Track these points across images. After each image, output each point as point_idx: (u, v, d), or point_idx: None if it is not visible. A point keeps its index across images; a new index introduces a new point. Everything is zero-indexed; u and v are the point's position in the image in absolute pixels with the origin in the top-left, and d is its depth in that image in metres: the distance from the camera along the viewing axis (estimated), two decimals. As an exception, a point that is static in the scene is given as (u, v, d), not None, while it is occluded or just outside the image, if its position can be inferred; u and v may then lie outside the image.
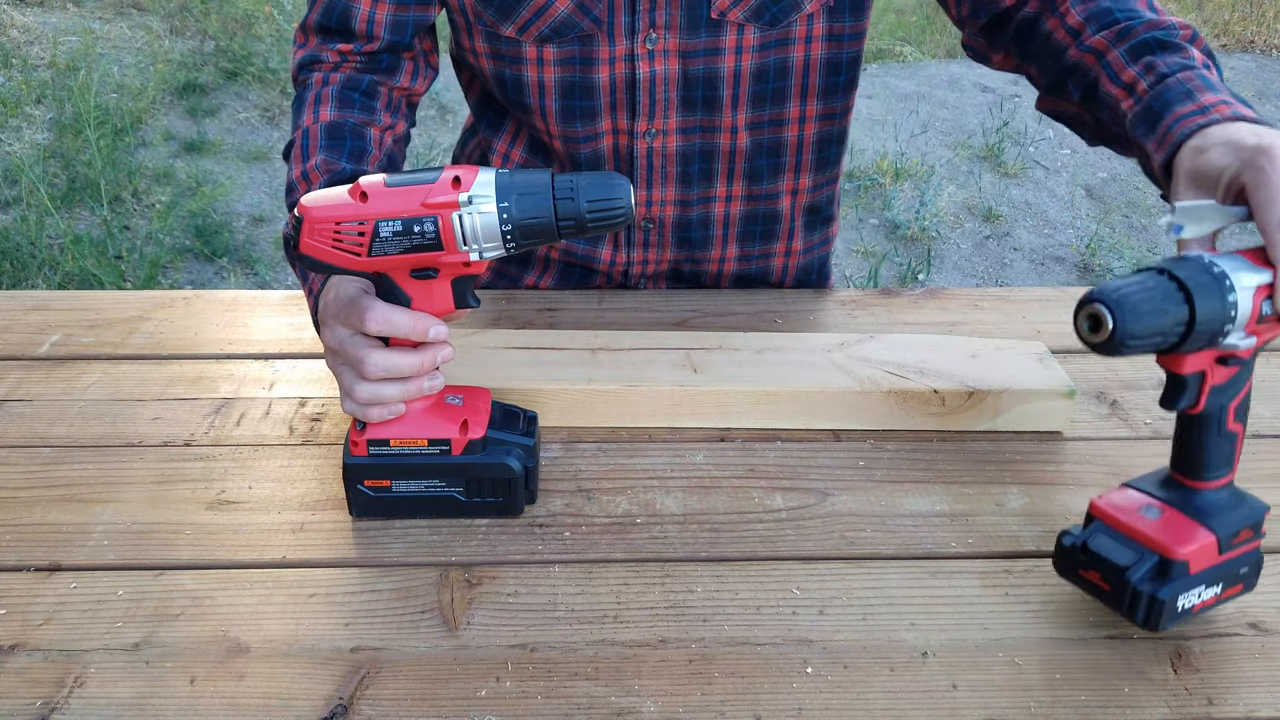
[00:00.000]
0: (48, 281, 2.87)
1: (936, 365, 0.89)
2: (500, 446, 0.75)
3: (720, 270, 1.10)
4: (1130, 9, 0.82)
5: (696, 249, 1.08)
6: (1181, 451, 0.66)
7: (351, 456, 0.74)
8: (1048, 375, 0.88)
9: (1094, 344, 0.58)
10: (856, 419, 0.87)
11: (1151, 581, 0.64)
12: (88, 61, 4.06)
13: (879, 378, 0.87)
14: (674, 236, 1.07)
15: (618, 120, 0.98)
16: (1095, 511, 0.67)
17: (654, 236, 1.06)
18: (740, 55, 0.96)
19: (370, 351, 0.71)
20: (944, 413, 0.87)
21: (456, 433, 0.73)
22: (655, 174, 1.01)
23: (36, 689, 0.62)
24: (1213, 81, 0.74)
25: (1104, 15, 0.82)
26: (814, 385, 0.86)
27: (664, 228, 1.06)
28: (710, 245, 1.08)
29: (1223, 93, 0.72)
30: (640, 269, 1.09)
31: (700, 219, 1.05)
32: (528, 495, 0.77)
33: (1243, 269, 0.60)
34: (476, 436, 0.74)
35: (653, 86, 0.96)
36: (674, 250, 1.08)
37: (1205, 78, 0.74)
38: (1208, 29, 5.28)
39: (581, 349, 0.91)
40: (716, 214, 1.06)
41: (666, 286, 1.12)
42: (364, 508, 0.75)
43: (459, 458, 0.74)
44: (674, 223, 1.05)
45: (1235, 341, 0.60)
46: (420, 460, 0.74)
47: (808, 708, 0.62)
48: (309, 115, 0.93)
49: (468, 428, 0.74)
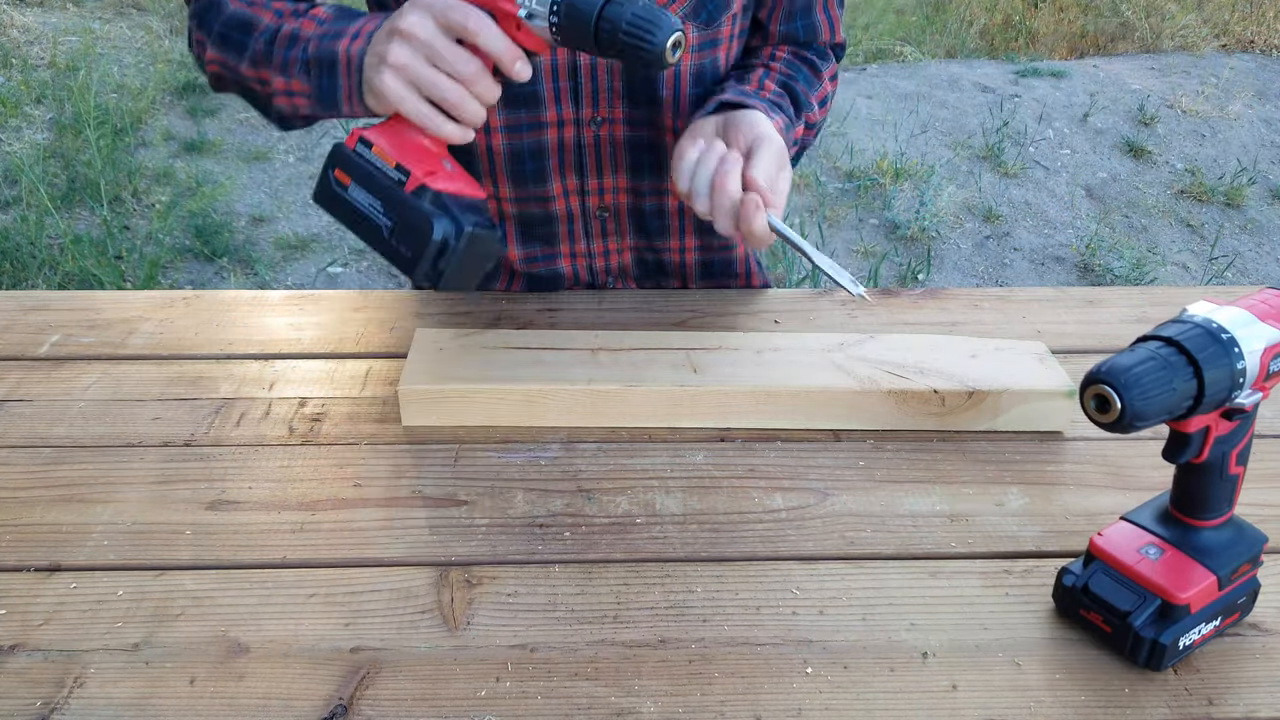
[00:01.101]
0: (48, 281, 2.87)
1: (936, 365, 0.89)
2: (446, 212, 0.73)
3: (683, 260, 1.11)
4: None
5: (655, 238, 1.09)
6: (1182, 493, 0.66)
7: (342, 144, 0.77)
8: (1048, 375, 0.88)
9: (1102, 424, 0.57)
10: (856, 419, 0.87)
11: (1154, 625, 0.64)
12: (88, 61, 4.06)
13: (879, 378, 0.87)
14: (631, 224, 1.08)
15: (563, 109, 0.99)
16: (1095, 551, 0.67)
17: (611, 225, 1.07)
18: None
19: (443, 38, 0.72)
20: (944, 413, 0.87)
21: (421, 173, 0.73)
22: (605, 162, 1.02)
23: (36, 689, 0.62)
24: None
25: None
26: (814, 385, 0.86)
27: (620, 216, 1.07)
28: (668, 234, 1.09)
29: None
30: (604, 261, 1.10)
31: (655, 209, 1.07)
32: (436, 274, 0.75)
33: (1251, 327, 0.59)
34: (433, 187, 0.73)
35: (594, 73, 0.97)
36: (633, 238, 1.09)
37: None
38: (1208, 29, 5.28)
39: (581, 349, 0.91)
40: (670, 205, 1.07)
41: (636, 281, 1.12)
42: (322, 195, 0.78)
43: (406, 194, 0.74)
44: (629, 210, 1.07)
45: (1243, 401, 0.60)
46: (379, 177, 0.75)
47: (808, 708, 0.62)
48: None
49: (434, 177, 0.73)
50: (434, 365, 0.88)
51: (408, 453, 0.83)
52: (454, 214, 0.74)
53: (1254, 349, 0.58)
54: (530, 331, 0.95)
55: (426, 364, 0.88)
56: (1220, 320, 0.59)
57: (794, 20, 1.05)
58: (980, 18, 5.37)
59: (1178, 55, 5.04)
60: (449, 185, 0.75)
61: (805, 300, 1.07)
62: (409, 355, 0.90)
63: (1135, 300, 1.09)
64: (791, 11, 1.05)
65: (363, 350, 0.97)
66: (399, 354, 0.96)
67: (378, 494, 0.79)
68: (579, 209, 1.05)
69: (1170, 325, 0.59)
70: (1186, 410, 0.58)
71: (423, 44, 0.73)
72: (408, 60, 0.73)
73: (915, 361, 0.90)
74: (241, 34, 0.89)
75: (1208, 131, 4.20)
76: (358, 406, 0.89)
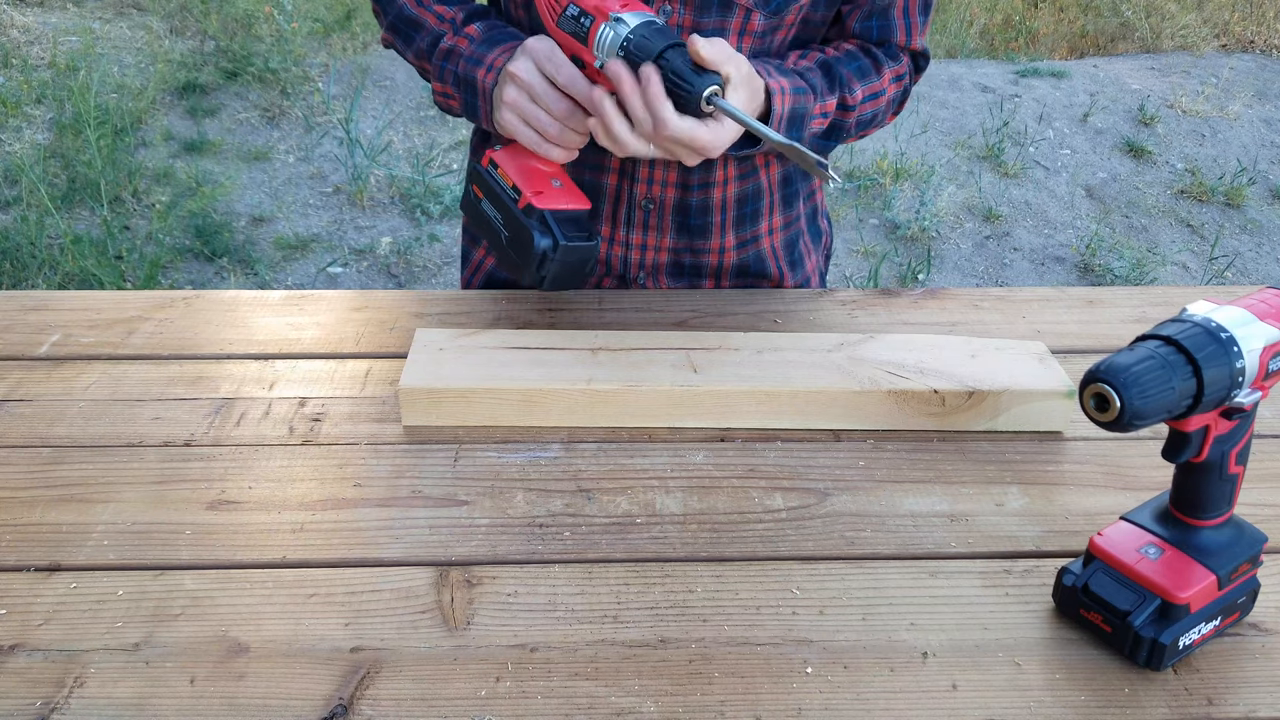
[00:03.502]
0: (48, 281, 2.87)
1: (936, 365, 0.89)
2: (545, 226, 0.88)
3: (720, 262, 1.11)
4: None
5: (696, 237, 1.09)
6: (1182, 492, 0.66)
7: (477, 163, 0.94)
8: (1048, 375, 0.88)
9: (1102, 423, 0.57)
10: (856, 419, 0.87)
11: (1154, 625, 0.64)
12: (88, 61, 4.06)
13: (879, 378, 0.87)
14: (674, 222, 1.08)
15: None
16: (1095, 551, 0.67)
17: (654, 219, 1.08)
18: (743, 39, 0.99)
19: (542, 81, 0.87)
20: (944, 413, 0.87)
21: (530, 192, 0.88)
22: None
23: (36, 689, 0.62)
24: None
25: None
26: (814, 385, 0.86)
27: (664, 210, 1.07)
28: (709, 233, 1.09)
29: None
30: (639, 255, 1.10)
31: (700, 205, 1.07)
32: (540, 279, 0.89)
33: (1251, 327, 0.59)
34: (539, 205, 0.88)
35: None
36: (674, 237, 1.09)
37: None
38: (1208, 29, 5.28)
39: (581, 349, 0.91)
40: (715, 199, 1.07)
41: (668, 283, 1.12)
42: (466, 205, 0.95)
43: (518, 210, 0.89)
44: (674, 206, 1.07)
45: (1242, 400, 0.60)
46: (500, 193, 0.91)
47: (808, 708, 0.62)
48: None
49: (541, 196, 0.88)
50: (434, 365, 0.88)
51: (408, 453, 0.83)
52: (554, 229, 0.88)
53: (1253, 348, 0.58)
54: (530, 331, 0.95)
55: (427, 364, 0.88)
56: (1219, 319, 0.59)
57: (871, 19, 1.05)
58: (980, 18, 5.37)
59: (1178, 55, 5.04)
60: (553, 203, 0.89)
61: (805, 300, 1.07)
62: (409, 355, 0.90)
63: (1135, 300, 1.09)
64: (871, 11, 1.05)
65: (363, 350, 0.97)
66: (399, 354, 0.96)
67: (378, 494, 0.79)
68: (626, 193, 1.06)
69: (1170, 324, 0.59)
70: (1186, 409, 0.58)
71: (526, 85, 0.88)
72: (515, 98, 0.89)
73: (915, 361, 0.90)
74: (410, 29, 1.03)
75: (1208, 131, 4.20)
76: (358, 406, 0.89)
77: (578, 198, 0.90)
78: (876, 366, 0.89)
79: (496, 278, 1.17)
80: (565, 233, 0.88)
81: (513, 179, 0.90)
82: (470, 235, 1.21)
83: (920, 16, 1.07)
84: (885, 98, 1.07)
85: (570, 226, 0.89)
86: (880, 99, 1.06)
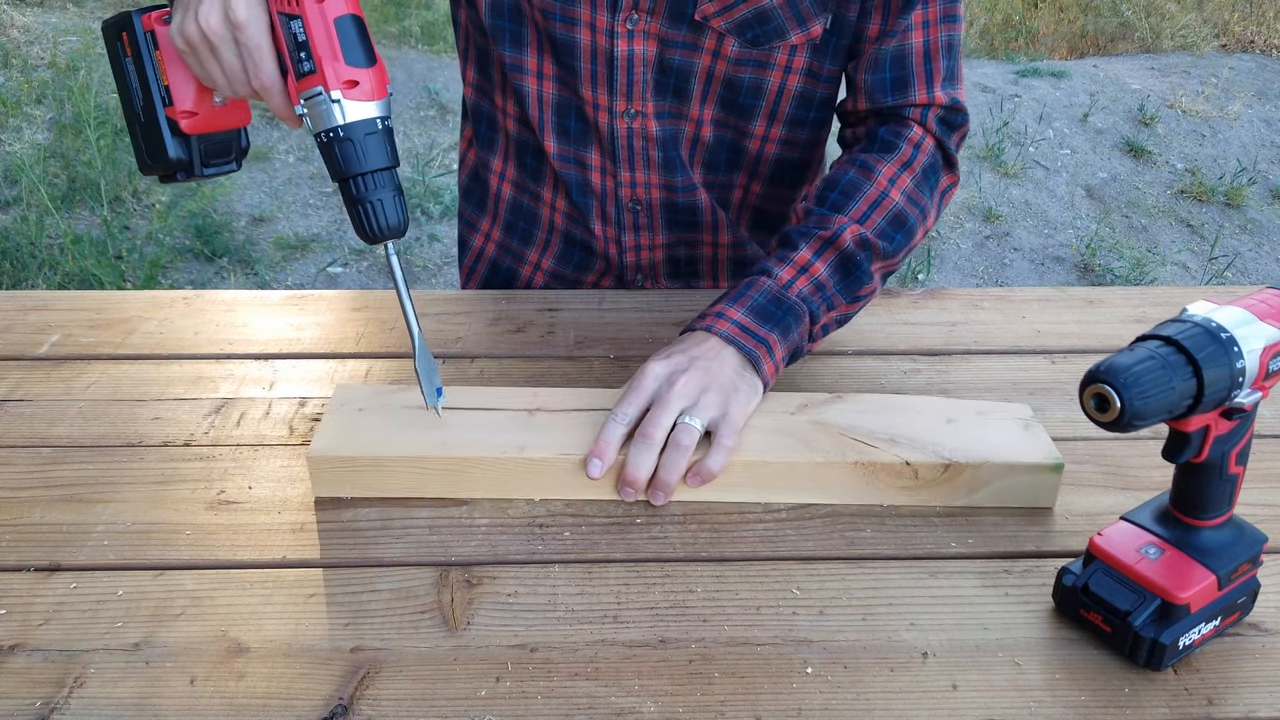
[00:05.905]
0: (48, 281, 2.87)
1: (909, 432, 0.80)
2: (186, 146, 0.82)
3: (715, 255, 1.11)
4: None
5: (688, 230, 1.09)
6: (1182, 492, 0.66)
7: (139, 17, 0.81)
8: (1033, 445, 0.79)
9: (1102, 423, 0.57)
10: (817, 492, 0.78)
11: (1154, 625, 0.64)
12: (88, 61, 4.06)
13: (844, 447, 0.78)
14: (664, 218, 1.08)
15: (598, 94, 0.99)
16: (1095, 551, 0.67)
17: (643, 219, 1.08)
18: (716, 60, 0.98)
19: (236, 66, 0.75)
20: (916, 486, 0.78)
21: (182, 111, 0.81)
22: (637, 155, 1.03)
23: (36, 689, 0.62)
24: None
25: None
26: (769, 457, 0.77)
27: (652, 210, 1.07)
28: (701, 229, 1.09)
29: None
30: (634, 257, 1.10)
31: (688, 204, 1.07)
32: (154, 174, 0.83)
33: (1251, 327, 0.59)
34: (185, 129, 0.81)
35: (630, 65, 0.97)
36: (665, 234, 1.09)
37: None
38: (1208, 29, 5.28)
39: (518, 410, 0.81)
40: (703, 201, 1.07)
41: (666, 282, 1.13)
42: (112, 54, 0.84)
43: (164, 113, 0.81)
44: (662, 205, 1.07)
45: (1242, 400, 0.60)
46: (152, 83, 0.81)
47: (808, 708, 0.62)
48: None
49: (195, 120, 0.81)
50: (349, 430, 0.79)
51: (408, 453, 0.83)
52: (194, 157, 0.82)
53: (1253, 348, 0.58)
54: (460, 388, 0.84)
55: (341, 427, 0.79)
56: (1220, 320, 0.59)
57: (881, 70, 0.93)
58: (980, 18, 5.37)
59: (1178, 55, 5.04)
60: (205, 126, 0.81)
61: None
62: (323, 417, 0.81)
63: (1135, 300, 1.09)
64: (879, 60, 0.93)
65: (363, 350, 0.97)
66: (399, 354, 0.96)
67: (378, 493, 0.79)
68: (613, 192, 1.06)
69: (1170, 325, 0.59)
70: (1186, 410, 0.58)
71: (218, 51, 0.75)
72: (200, 46, 0.76)
73: (885, 427, 0.80)
74: None
75: (1208, 131, 4.20)
76: (358, 406, 0.89)
77: (232, 116, 0.82)
78: (842, 433, 0.80)
79: (500, 265, 1.17)
80: (206, 160, 0.82)
81: (169, 80, 0.80)
82: (466, 221, 1.19)
83: (943, 60, 0.93)
84: (914, 234, 0.95)
85: (214, 150, 0.82)
86: (897, 258, 0.93)
